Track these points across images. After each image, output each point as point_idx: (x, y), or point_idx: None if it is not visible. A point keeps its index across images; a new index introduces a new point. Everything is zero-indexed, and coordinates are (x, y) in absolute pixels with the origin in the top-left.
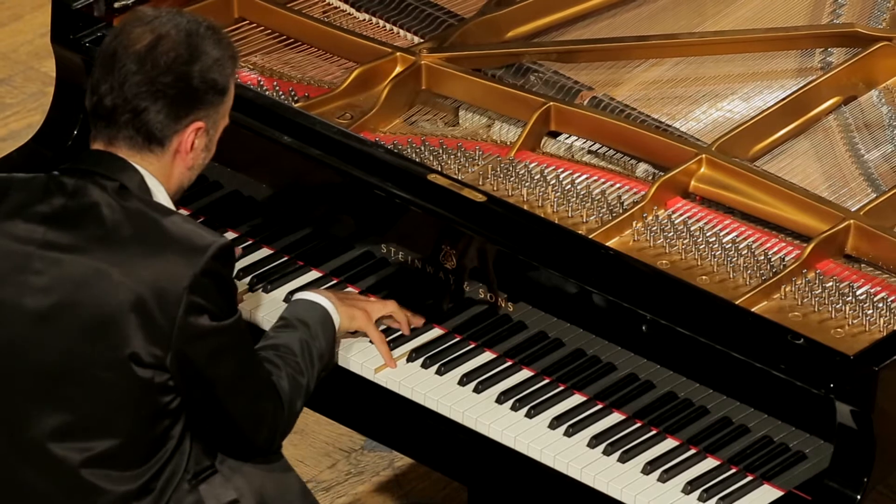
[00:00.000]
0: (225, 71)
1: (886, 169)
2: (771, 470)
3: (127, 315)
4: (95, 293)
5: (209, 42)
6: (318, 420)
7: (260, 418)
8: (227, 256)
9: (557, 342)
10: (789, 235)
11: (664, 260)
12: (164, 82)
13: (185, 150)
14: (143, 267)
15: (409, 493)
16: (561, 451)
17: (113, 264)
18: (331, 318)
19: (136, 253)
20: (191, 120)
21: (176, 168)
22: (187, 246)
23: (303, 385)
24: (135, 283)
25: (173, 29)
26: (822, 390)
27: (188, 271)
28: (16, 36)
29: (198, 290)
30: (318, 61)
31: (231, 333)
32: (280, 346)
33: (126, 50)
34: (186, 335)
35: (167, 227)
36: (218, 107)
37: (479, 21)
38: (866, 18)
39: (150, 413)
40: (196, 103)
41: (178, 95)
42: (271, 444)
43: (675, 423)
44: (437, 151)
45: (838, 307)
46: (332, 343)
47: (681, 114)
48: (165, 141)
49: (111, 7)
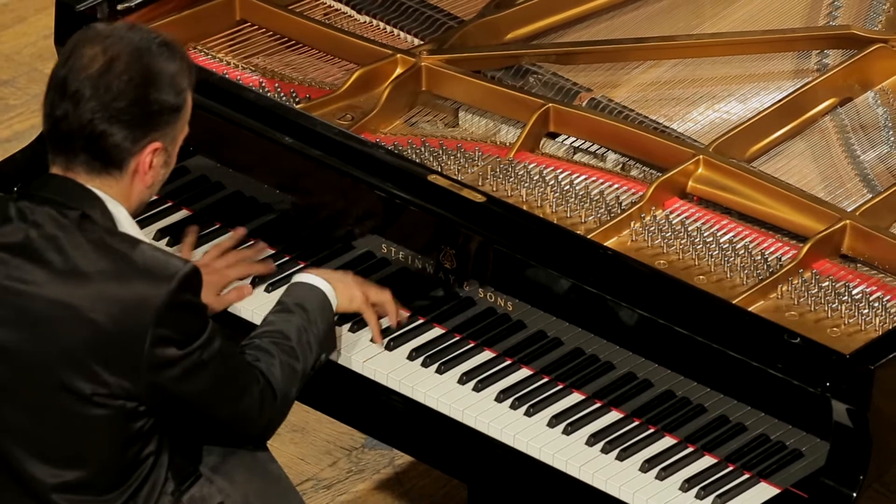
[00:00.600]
0: (180, 87)
1: (882, 170)
2: (768, 468)
3: (93, 349)
4: (61, 328)
5: (162, 59)
6: (320, 418)
7: (245, 415)
8: (192, 283)
9: (556, 341)
10: (786, 235)
11: (662, 260)
12: (119, 107)
13: (144, 170)
14: (108, 300)
15: (409, 490)
16: (560, 449)
17: (77, 298)
18: (329, 301)
19: (100, 286)
20: (148, 141)
21: (135, 188)
22: (150, 277)
23: (298, 370)
24: (100, 316)
25: (125, 49)
26: (818, 389)
27: (153, 304)
28: (20, 38)
29: (164, 322)
30: (319, 63)
31: (201, 352)
32: (275, 332)
33: (79, 74)
34: (154, 366)
35: (130, 258)
36: (174, 124)
37: (478, 23)
38: (862, 20)
39: (122, 440)
40: (152, 125)
41: (133, 119)
42: (265, 431)
43: (673, 421)
44: (437, 152)
45: (834, 307)
46: (331, 326)
47: (678, 115)
48: (123, 164)
49: (114, 9)
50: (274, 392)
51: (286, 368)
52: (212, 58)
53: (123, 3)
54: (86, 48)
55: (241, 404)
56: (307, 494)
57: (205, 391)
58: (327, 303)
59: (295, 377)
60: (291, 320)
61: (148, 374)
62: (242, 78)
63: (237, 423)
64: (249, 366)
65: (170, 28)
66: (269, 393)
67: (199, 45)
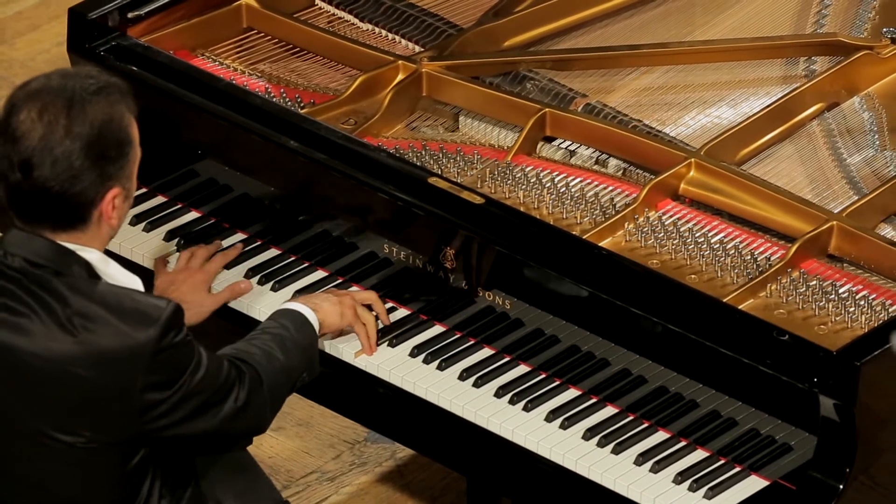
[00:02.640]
0: (122, 127)
1: (868, 172)
2: (758, 461)
3: (79, 403)
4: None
5: (100, 107)
6: (324, 413)
7: (238, 415)
8: (177, 321)
9: (553, 339)
10: (775, 236)
11: (655, 260)
12: (70, 170)
13: (108, 215)
14: (92, 354)
15: (410, 483)
16: (557, 443)
17: (68, 357)
18: (307, 320)
19: (83, 340)
20: (105, 190)
21: (102, 230)
22: (134, 325)
23: (280, 360)
24: (85, 371)
25: (62, 107)
26: (806, 385)
27: (141, 352)
28: (34, 45)
29: (154, 369)
30: (323, 69)
31: (190, 381)
32: (252, 336)
33: (21, 144)
34: (145, 409)
35: (112, 308)
36: (126, 166)
37: (477, 31)
38: (849, 28)
39: (116, 478)
40: (105, 175)
41: (86, 177)
42: (259, 423)
43: (666, 416)
44: (437, 155)
45: (822, 305)
46: (312, 343)
47: (671, 119)
48: (87, 217)
49: (125, 18)
50: (260, 378)
51: (268, 355)
52: (219, 64)
53: (134, 11)
54: (22, 113)
55: (232, 408)
56: (311, 486)
57: (196, 411)
58: (306, 321)
59: (277, 365)
60: (267, 328)
61: (140, 418)
62: (249, 83)
63: (225, 427)
64: (231, 371)
65: (179, 35)
66: (257, 389)
67: (207, 51)
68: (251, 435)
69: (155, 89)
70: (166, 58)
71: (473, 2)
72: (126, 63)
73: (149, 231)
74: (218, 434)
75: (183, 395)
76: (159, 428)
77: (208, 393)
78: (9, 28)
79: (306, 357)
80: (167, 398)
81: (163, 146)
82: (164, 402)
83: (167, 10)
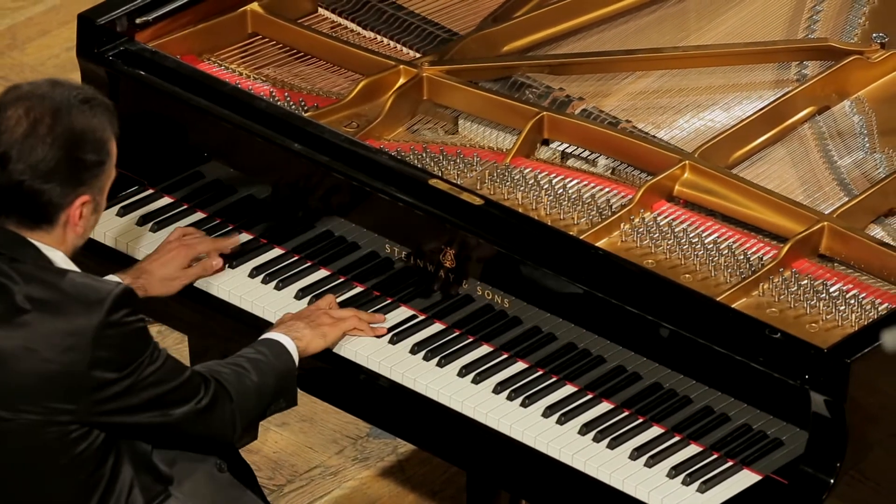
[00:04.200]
0: (103, 141)
1: (858, 174)
2: (750, 456)
3: (38, 382)
4: (2, 365)
5: (84, 116)
6: (327, 409)
7: (196, 422)
8: (125, 302)
9: (550, 336)
10: (767, 236)
11: (650, 259)
12: (46, 169)
13: (74, 221)
14: (45, 332)
15: (411, 477)
16: (554, 438)
17: (16, 335)
18: (287, 350)
19: (36, 320)
20: (76, 196)
21: (68, 236)
22: (84, 302)
23: (252, 380)
24: (40, 348)
25: (48, 109)
26: (797, 381)
27: (88, 328)
28: (44, 50)
29: (100, 344)
30: (327, 74)
31: (141, 370)
32: (226, 360)
33: (3, 137)
34: (95, 388)
35: (62, 289)
36: (100, 176)
37: (476, 36)
38: (839, 34)
39: (69, 463)
40: (79, 181)
41: (60, 179)
42: (223, 434)
43: (661, 411)
44: (437, 158)
45: (813, 304)
46: (291, 371)
47: (665, 123)
48: (54, 218)
49: (133, 23)
50: (227, 391)
51: (239, 374)
52: (225, 68)
53: (141, 17)
54: (9, 111)
55: (191, 413)
56: (315, 480)
57: (151, 404)
58: (285, 350)
59: (248, 384)
60: (243, 353)
61: (90, 395)
62: (254, 88)
63: (192, 431)
64: (197, 375)
65: (186, 40)
66: (223, 398)
67: (213, 56)
68: (215, 442)
69: (162, 93)
70: (173, 62)
71: (473, 8)
72: (134, 67)
73: (155, 231)
74: (176, 434)
75: (135, 381)
76: (112, 411)
77: (165, 388)
78: (20, 33)
79: (282, 382)
80: (118, 380)
81: (169, 148)
82: (115, 384)
83: (174, 16)
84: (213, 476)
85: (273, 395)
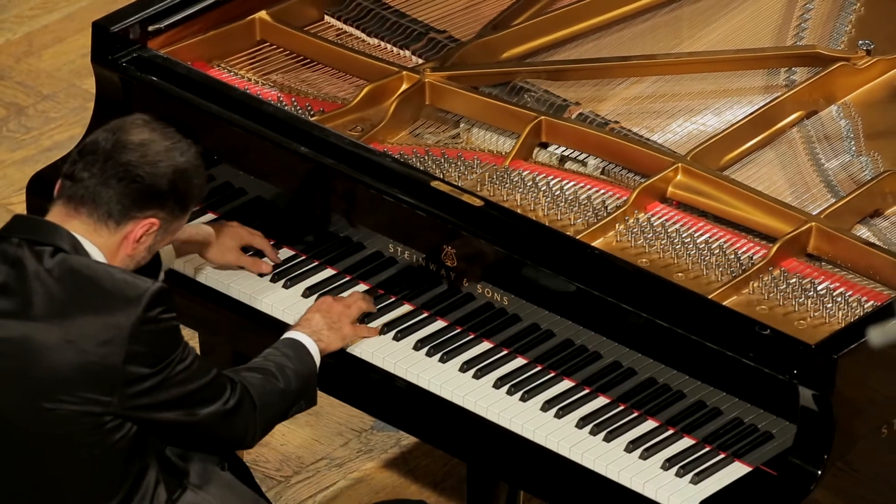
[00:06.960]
0: (201, 190)
1: (844, 177)
2: (741, 448)
3: (75, 373)
4: (42, 357)
5: (198, 161)
6: (333, 403)
7: (222, 424)
8: (162, 300)
9: (549, 333)
10: (757, 236)
11: (644, 259)
12: (145, 176)
13: (133, 238)
14: (84, 325)
15: (413, 468)
16: (552, 432)
17: (56, 327)
18: (309, 352)
19: (76, 313)
20: (150, 213)
21: (120, 251)
22: (122, 298)
23: (279, 386)
24: (78, 340)
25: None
26: (786, 376)
27: (125, 324)
28: (59, 56)
29: (136, 340)
30: (332, 79)
31: (172, 368)
32: (256, 361)
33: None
34: (129, 382)
35: (101, 283)
36: (173, 217)
37: (477, 43)
38: (826, 41)
39: (102, 453)
40: (160, 205)
41: (151, 193)
42: (244, 439)
43: (655, 405)
44: (439, 160)
45: (801, 301)
46: (312, 373)
47: (659, 127)
48: (121, 222)
49: (145, 31)
50: (252, 395)
51: (265, 378)
52: (234, 74)
53: (154, 25)
54: (139, 128)
55: (216, 414)
56: (321, 472)
57: (180, 401)
58: (308, 352)
59: (273, 388)
60: (269, 355)
61: (124, 389)
62: (262, 93)
63: (214, 432)
64: (224, 377)
65: (196, 47)
66: (247, 402)
67: (222, 62)
68: (234, 445)
69: (173, 98)
70: (184, 68)
71: (473, 16)
72: (146, 73)
73: None
74: (198, 434)
75: (166, 377)
76: (141, 406)
77: (193, 386)
78: (36, 40)
79: (304, 385)
80: (150, 376)
81: None
82: (147, 379)
83: (185, 24)
84: (218, 473)
85: (295, 398)
